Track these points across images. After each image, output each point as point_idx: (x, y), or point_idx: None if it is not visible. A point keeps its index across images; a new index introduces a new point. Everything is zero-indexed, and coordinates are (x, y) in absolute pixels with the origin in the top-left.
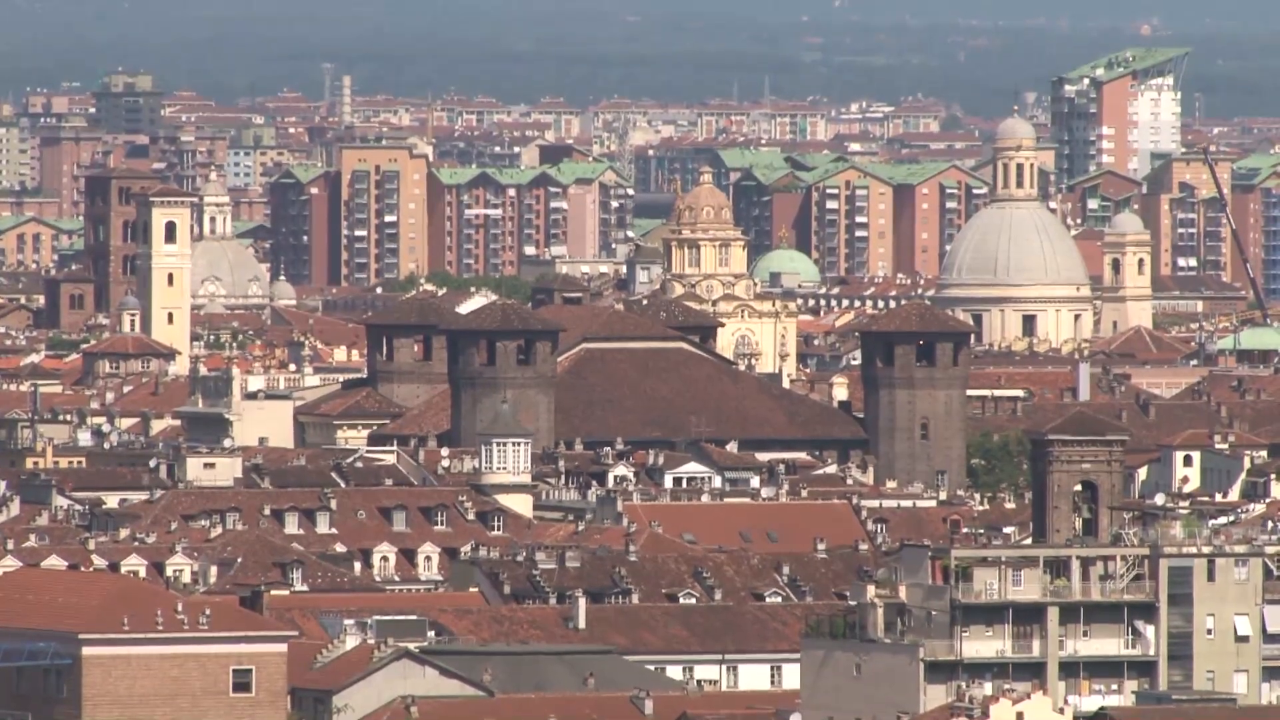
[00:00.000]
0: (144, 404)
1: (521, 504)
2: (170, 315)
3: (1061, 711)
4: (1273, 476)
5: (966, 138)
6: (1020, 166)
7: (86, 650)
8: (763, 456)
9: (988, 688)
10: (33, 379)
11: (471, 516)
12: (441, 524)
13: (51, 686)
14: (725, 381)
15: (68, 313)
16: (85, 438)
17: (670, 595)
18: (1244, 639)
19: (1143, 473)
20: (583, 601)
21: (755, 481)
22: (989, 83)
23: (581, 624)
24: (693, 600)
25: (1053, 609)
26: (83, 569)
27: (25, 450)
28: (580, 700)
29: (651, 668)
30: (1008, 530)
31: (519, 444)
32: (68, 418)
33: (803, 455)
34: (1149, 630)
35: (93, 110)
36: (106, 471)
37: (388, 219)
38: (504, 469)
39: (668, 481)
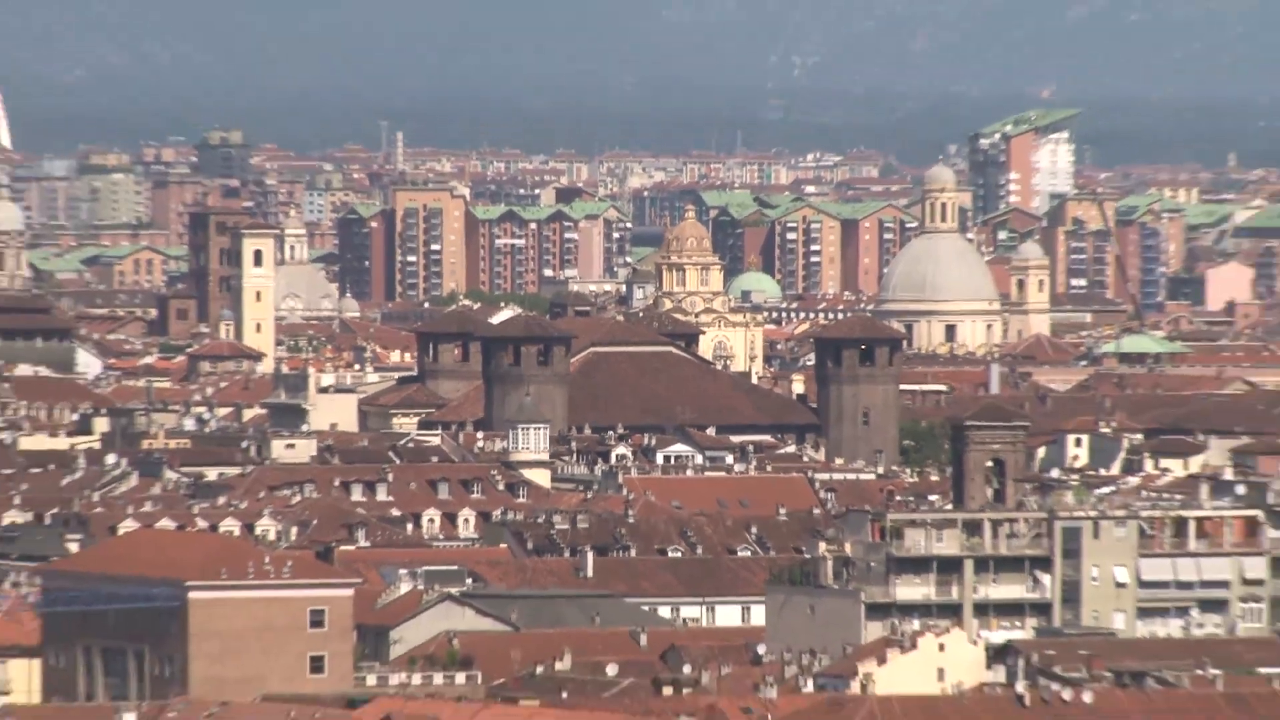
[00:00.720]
0: (237, 397)
1: (541, 477)
2: (258, 325)
3: (975, 644)
4: (1146, 455)
5: (900, 182)
6: (944, 205)
7: (192, 594)
8: (736, 439)
9: (915, 624)
10: (147, 376)
11: (501, 487)
12: (477, 493)
13: (164, 624)
14: (705, 379)
15: (175, 323)
16: (190, 424)
17: (661, 550)
18: (1122, 585)
19: (1041, 452)
20: (590, 555)
21: (730, 459)
22: (919, 137)
23: (590, 573)
24: (679, 554)
25: (968, 561)
26: (188, 530)
27: (141, 434)
28: (589, 635)
29: (646, 609)
30: (932, 498)
31: (539, 429)
32: (176, 408)
33: (767, 438)
34: (1046, 578)
35: (194, 159)
36: (207, 451)
37: (433, 247)
38: (527, 449)
39: (659, 459)
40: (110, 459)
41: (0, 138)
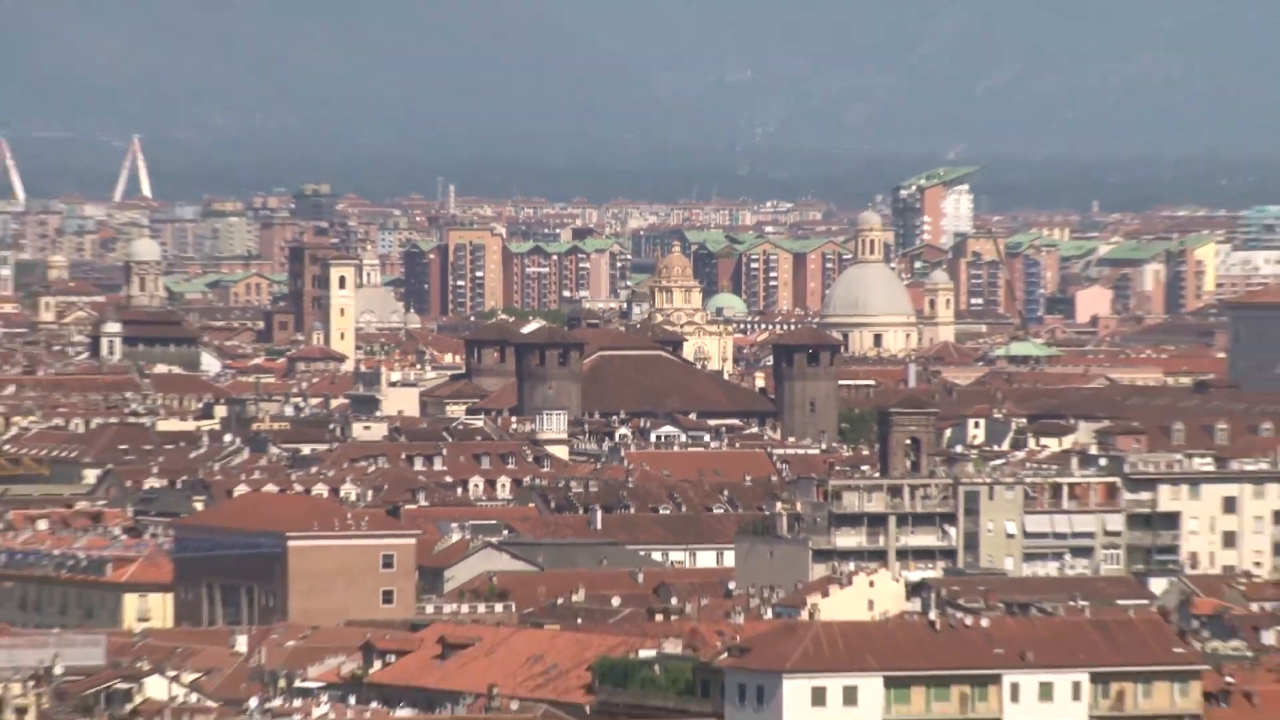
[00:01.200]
0: (325, 389)
1: (561, 452)
2: (341, 334)
3: (897, 581)
4: (1029, 435)
5: (838, 224)
6: (872, 241)
7: (291, 543)
8: (712, 422)
9: (851, 566)
10: (256, 374)
11: (530, 459)
12: (511, 464)
13: (269, 566)
14: (688, 376)
15: (278, 332)
16: (289, 410)
17: (654, 508)
18: (1011, 536)
19: (948, 433)
20: (599, 512)
21: (707, 438)
22: (853, 189)
23: (598, 526)
24: (668, 512)
25: (892, 517)
26: (287, 493)
27: (252, 419)
28: (597, 574)
29: (642, 554)
30: (864, 468)
31: (559, 414)
32: (278, 398)
33: (736, 421)
34: (952, 531)
35: (293, 206)
36: (302, 431)
37: (477, 274)
38: (550, 430)
39: (652, 438)
40: (227, 438)
41: (142, 188)
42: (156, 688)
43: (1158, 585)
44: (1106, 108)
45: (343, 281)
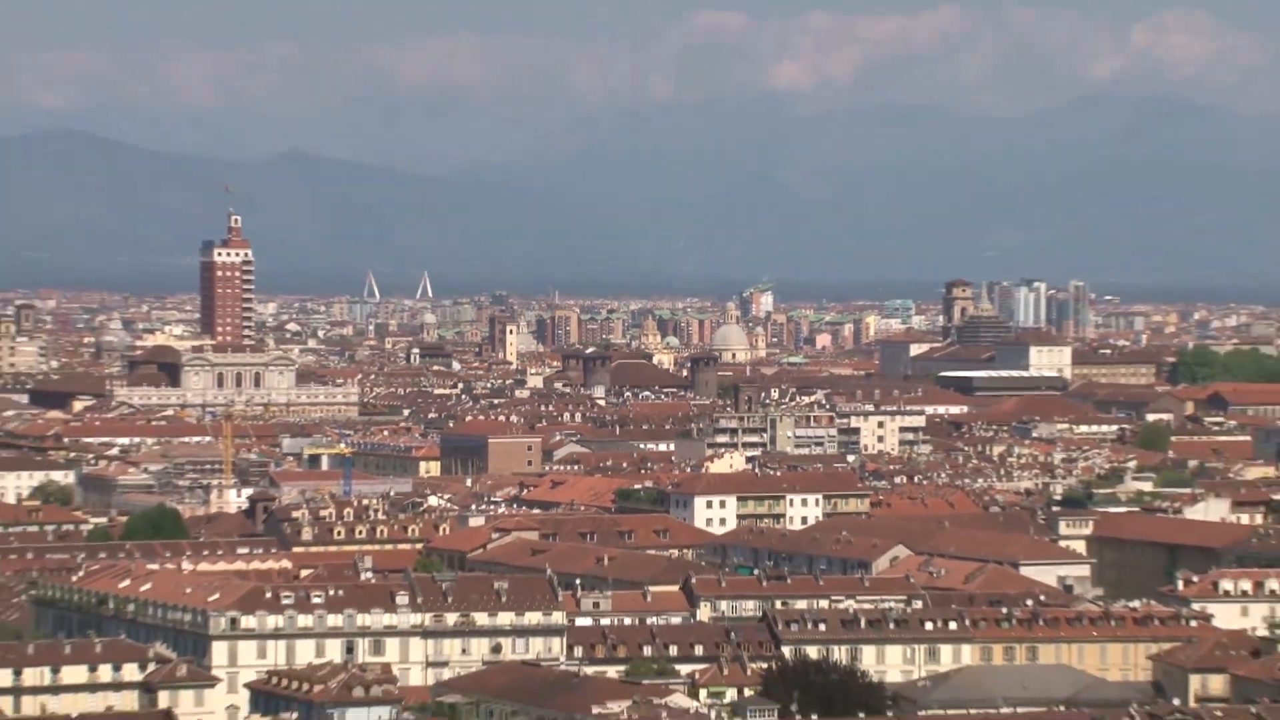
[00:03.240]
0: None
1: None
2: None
3: (743, 456)
4: (795, 394)
5: (717, 308)
6: (734, 315)
7: None
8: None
9: (721, 451)
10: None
11: None
12: None
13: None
14: (652, 371)
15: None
16: None
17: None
18: (789, 437)
19: (763, 394)
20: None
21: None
22: (722, 290)
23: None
24: (650, 428)
25: (740, 429)
26: None
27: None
28: (621, 453)
29: (642, 445)
30: (729, 409)
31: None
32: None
33: (678, 389)
34: (766, 434)
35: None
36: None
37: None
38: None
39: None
40: None
41: (426, 290)
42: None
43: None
44: (868, 232)
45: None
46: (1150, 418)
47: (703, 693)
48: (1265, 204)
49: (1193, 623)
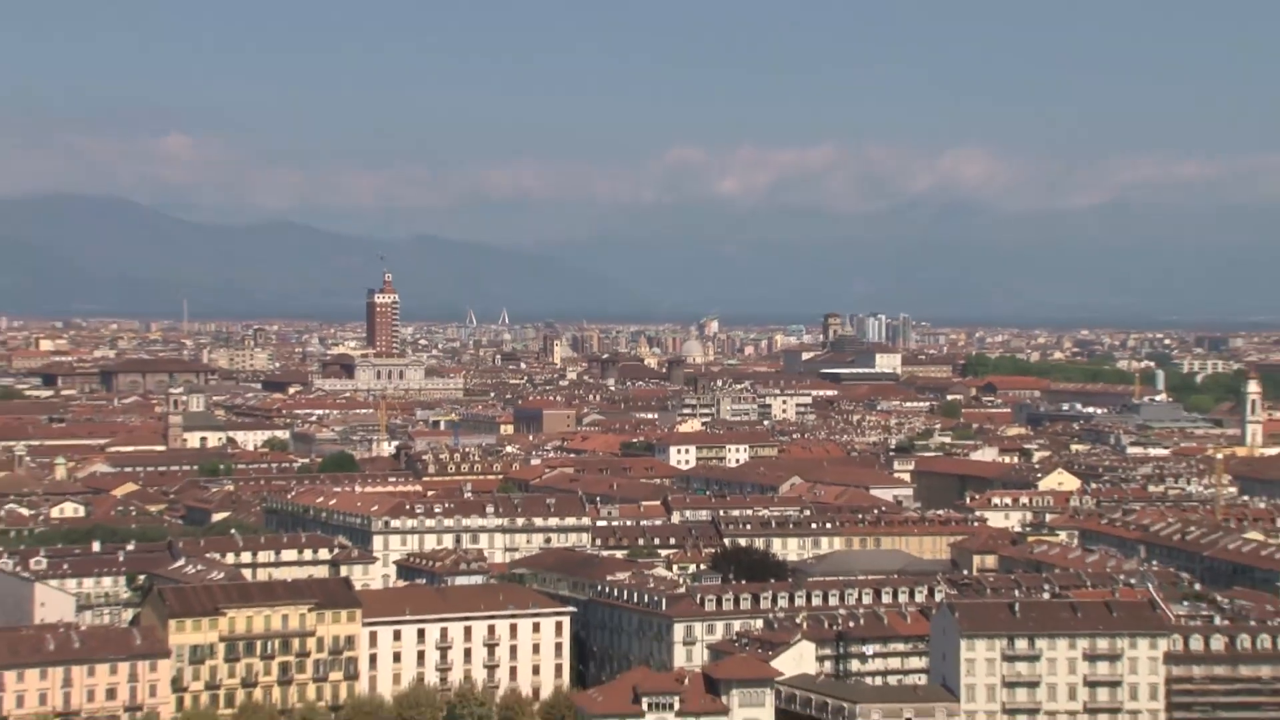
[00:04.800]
0: None
1: None
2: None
3: (697, 421)
4: (730, 383)
5: (685, 329)
6: (696, 333)
7: None
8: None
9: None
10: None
11: None
12: None
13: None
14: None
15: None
16: None
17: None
18: (729, 411)
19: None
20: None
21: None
22: (684, 320)
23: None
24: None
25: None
26: None
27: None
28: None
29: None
30: (693, 391)
31: None
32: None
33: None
34: (712, 410)
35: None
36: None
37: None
38: None
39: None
40: None
41: (505, 319)
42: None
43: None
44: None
45: (553, 348)
46: (949, 397)
47: (675, 567)
48: (1008, 267)
49: (975, 523)
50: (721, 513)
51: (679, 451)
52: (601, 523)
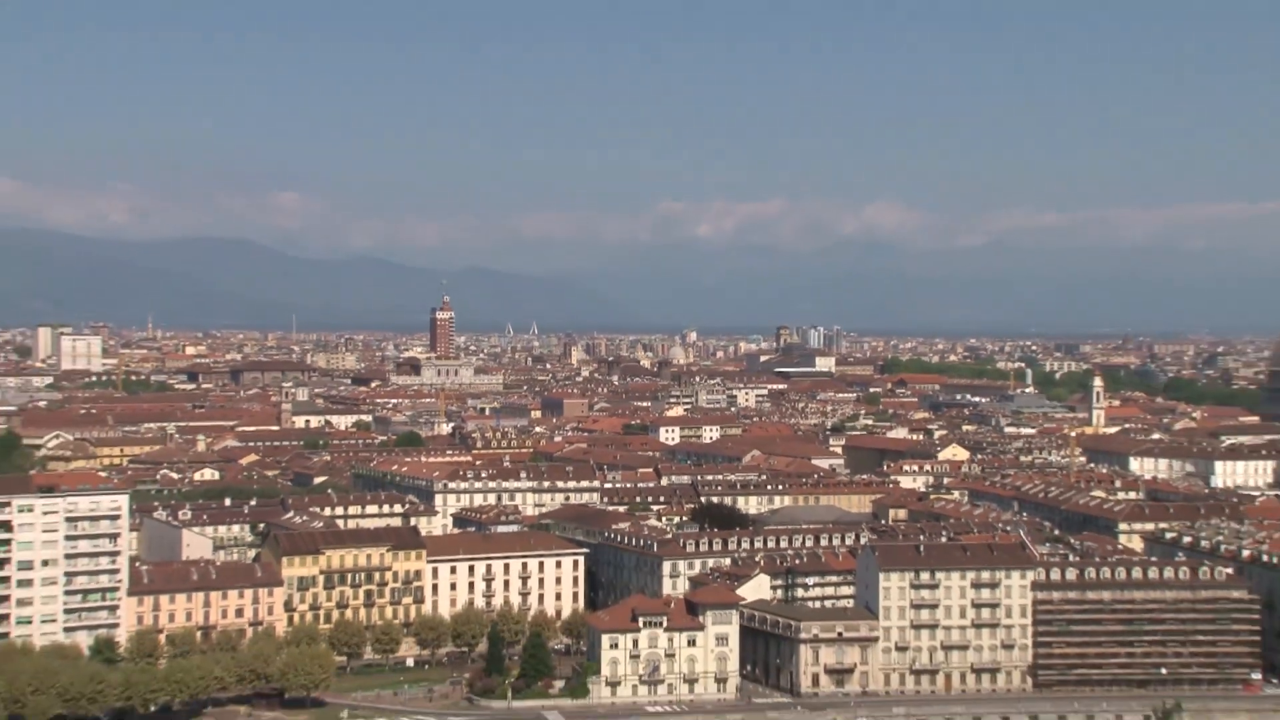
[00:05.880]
0: None
1: None
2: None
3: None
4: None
5: (671, 338)
6: (679, 343)
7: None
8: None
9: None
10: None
11: None
12: None
13: None
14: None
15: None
16: None
17: None
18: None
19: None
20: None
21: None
22: (669, 331)
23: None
24: None
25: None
26: None
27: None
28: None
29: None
30: (673, 389)
31: None
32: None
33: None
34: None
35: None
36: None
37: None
38: None
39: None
40: None
41: (534, 330)
42: None
43: None
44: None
45: (570, 352)
46: (870, 390)
47: (663, 519)
48: (914, 291)
49: (890, 485)
50: (699, 477)
51: (666, 431)
52: (608, 485)
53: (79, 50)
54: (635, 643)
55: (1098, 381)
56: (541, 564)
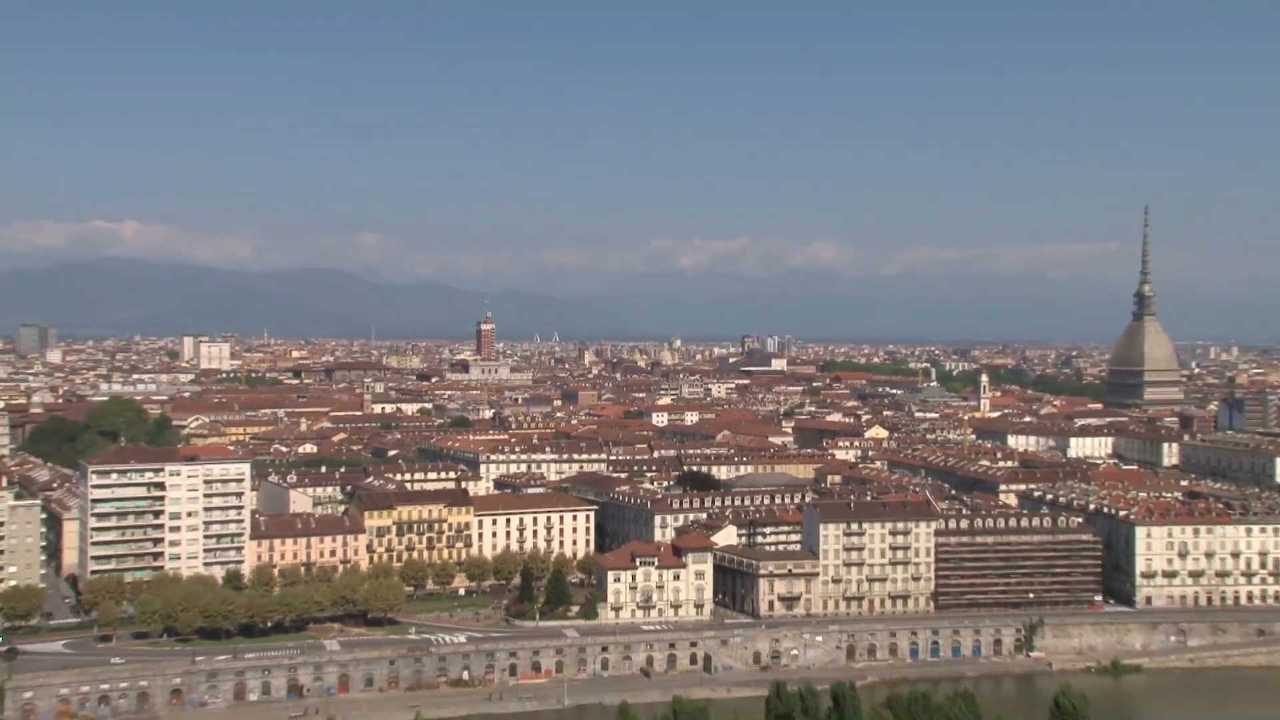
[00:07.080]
0: None
1: None
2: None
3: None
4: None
5: (660, 344)
6: (667, 349)
7: None
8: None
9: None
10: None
11: None
12: None
13: None
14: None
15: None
16: None
17: None
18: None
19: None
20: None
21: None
22: (659, 339)
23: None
24: None
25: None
26: None
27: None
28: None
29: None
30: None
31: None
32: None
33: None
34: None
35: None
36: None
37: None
38: None
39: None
40: None
41: (556, 338)
42: None
43: None
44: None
45: (583, 356)
46: (813, 384)
47: (655, 483)
48: (848, 309)
49: (829, 457)
50: (683, 451)
51: (658, 416)
52: (613, 457)
53: (219, 124)
54: (634, 577)
55: (984, 378)
56: (562, 517)
